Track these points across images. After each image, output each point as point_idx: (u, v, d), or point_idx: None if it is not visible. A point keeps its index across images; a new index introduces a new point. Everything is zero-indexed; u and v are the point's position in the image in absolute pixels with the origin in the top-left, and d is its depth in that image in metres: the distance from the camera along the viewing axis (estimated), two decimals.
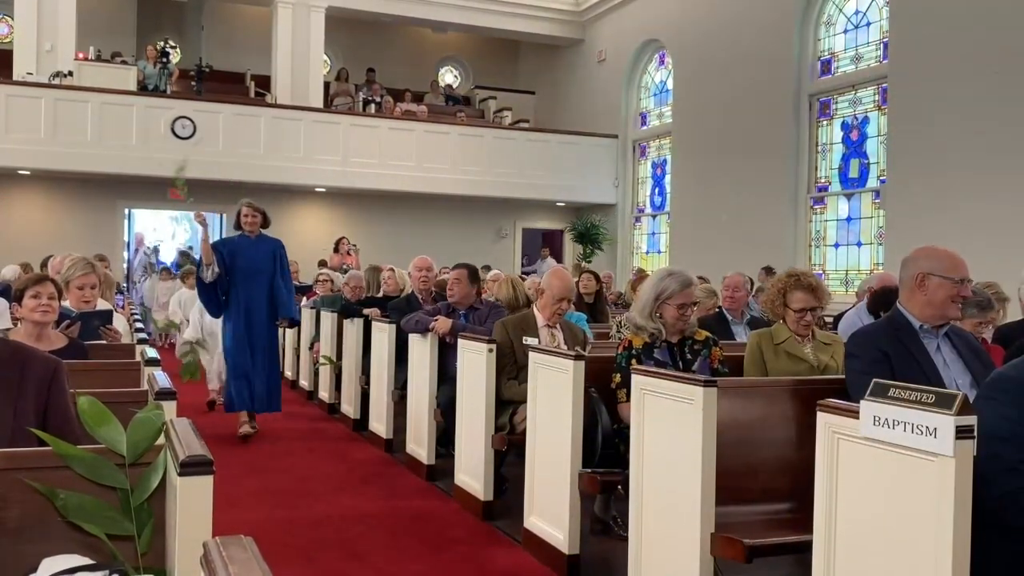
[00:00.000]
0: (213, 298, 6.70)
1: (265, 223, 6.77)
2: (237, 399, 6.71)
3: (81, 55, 13.92)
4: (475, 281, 5.71)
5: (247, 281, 6.63)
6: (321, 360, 8.21)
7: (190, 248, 13.45)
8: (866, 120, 11.32)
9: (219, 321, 7.17)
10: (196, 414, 7.24)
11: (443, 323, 5.47)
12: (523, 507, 4.28)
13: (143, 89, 14.22)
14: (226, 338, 6.79)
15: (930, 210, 9.62)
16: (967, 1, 9.38)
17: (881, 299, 4.81)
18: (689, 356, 3.98)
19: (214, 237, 15.72)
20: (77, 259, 4.91)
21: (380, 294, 7.88)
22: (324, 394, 8.29)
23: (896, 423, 2.11)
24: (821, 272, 11.59)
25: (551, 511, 4.04)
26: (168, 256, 15.45)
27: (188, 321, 8.77)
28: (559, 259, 16.30)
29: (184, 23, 17.49)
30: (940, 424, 2.00)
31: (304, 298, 9.60)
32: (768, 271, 10.09)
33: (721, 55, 13.19)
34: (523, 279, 6.83)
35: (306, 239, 14.30)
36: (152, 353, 3.42)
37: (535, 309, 4.92)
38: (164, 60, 14.60)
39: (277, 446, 6.59)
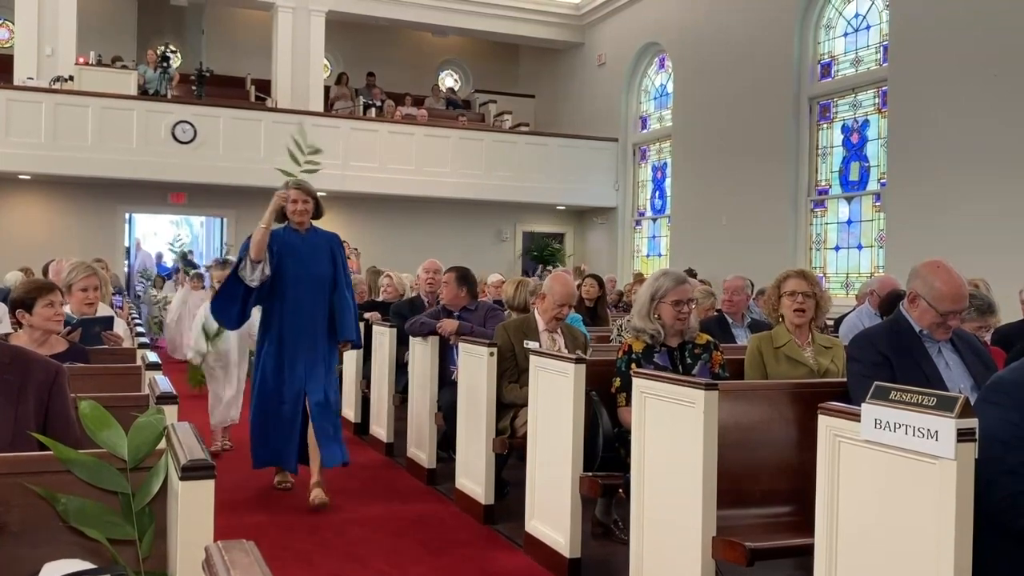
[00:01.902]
0: (236, 306, 4.98)
1: (318, 213, 5.09)
2: (270, 453, 5.08)
3: (82, 59, 13.93)
4: (464, 283, 5.70)
5: (296, 290, 4.94)
6: None
7: (189, 252, 13.29)
8: (866, 123, 11.32)
9: (236, 334, 6.23)
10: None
11: (450, 323, 5.47)
12: (524, 511, 4.28)
13: (144, 93, 14.23)
14: (261, 367, 5.05)
15: (930, 213, 9.62)
16: (967, 4, 9.38)
17: (891, 302, 4.81)
18: (689, 360, 3.98)
19: (213, 241, 15.66)
20: (78, 263, 4.92)
21: (380, 299, 7.87)
22: None
23: (897, 426, 2.11)
24: (822, 275, 11.58)
25: (552, 515, 4.04)
26: (169, 258, 15.42)
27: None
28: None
29: (184, 27, 17.50)
30: (941, 427, 2.00)
31: None
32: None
33: (721, 58, 13.19)
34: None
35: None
36: (153, 357, 3.42)
37: (536, 313, 4.93)
38: (164, 64, 14.61)
39: None
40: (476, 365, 4.84)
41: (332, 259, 5.05)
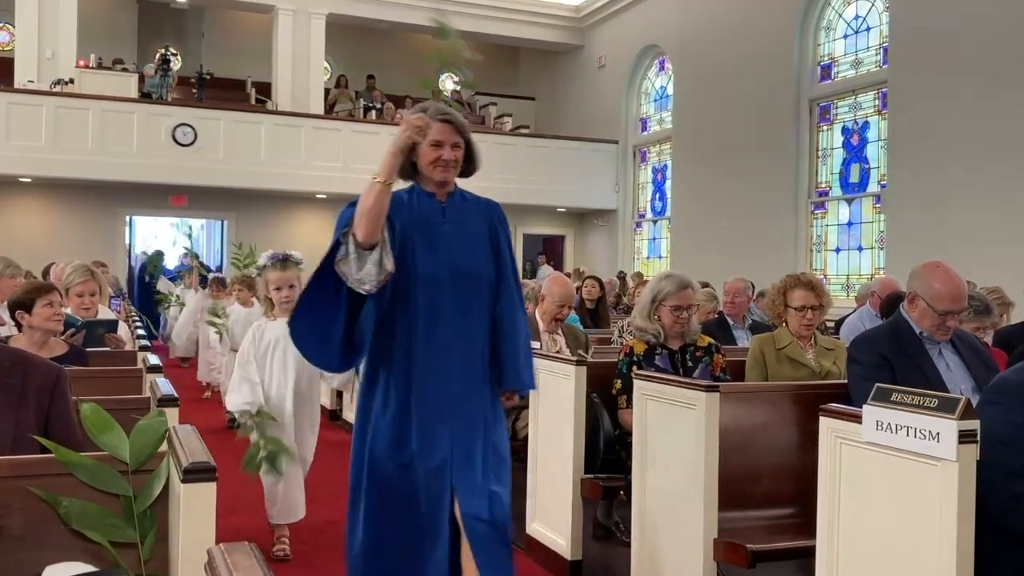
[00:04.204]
0: (335, 330, 2.78)
1: (470, 168, 2.98)
2: None
3: (82, 62, 13.94)
4: None
5: (433, 299, 2.82)
6: None
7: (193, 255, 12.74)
8: (866, 125, 11.32)
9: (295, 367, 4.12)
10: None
11: None
12: (525, 513, 4.28)
13: (146, 96, 14.24)
14: (370, 442, 2.83)
15: (931, 214, 9.62)
16: (966, 6, 9.39)
17: (892, 304, 4.81)
18: (690, 363, 3.98)
19: (214, 244, 15.54)
20: (77, 266, 4.91)
21: None
22: (325, 400, 8.28)
23: (899, 428, 2.11)
24: (823, 277, 11.58)
25: (553, 517, 4.04)
26: (171, 260, 15.37)
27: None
28: (559, 265, 16.29)
29: (185, 30, 17.51)
30: (943, 428, 2.00)
31: None
32: None
33: (721, 60, 13.20)
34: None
35: (307, 246, 14.21)
36: (154, 360, 3.42)
37: (536, 315, 4.93)
38: (165, 67, 14.62)
39: None
40: None
41: (494, 246, 2.94)
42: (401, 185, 2.84)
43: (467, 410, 2.83)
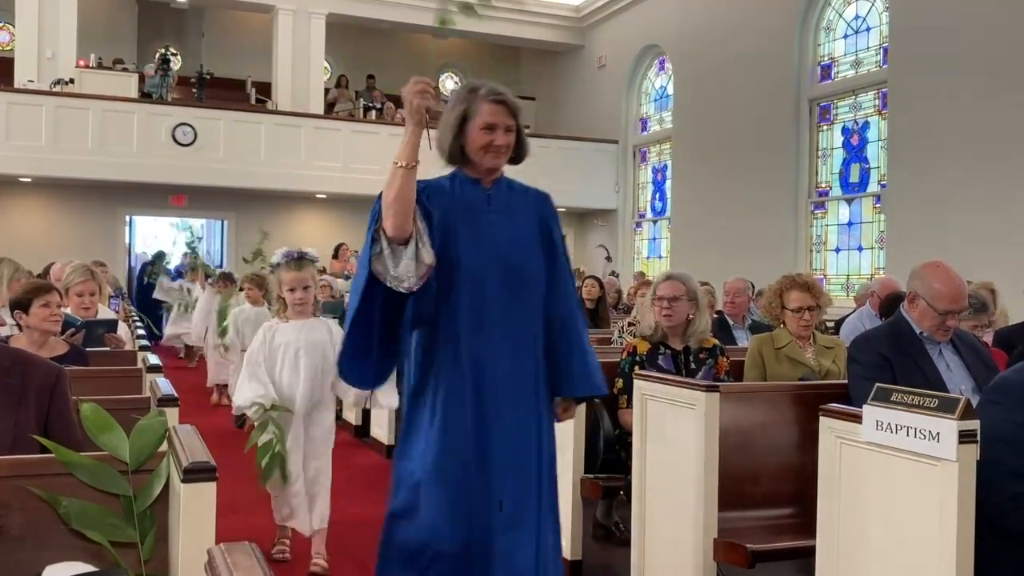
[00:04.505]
0: (371, 337, 2.53)
1: (520, 152, 2.66)
2: None
3: (82, 62, 13.94)
4: None
5: (479, 300, 2.55)
6: None
7: (193, 255, 12.51)
8: (866, 125, 11.32)
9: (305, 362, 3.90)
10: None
11: None
12: None
13: (146, 95, 14.24)
14: (417, 458, 2.56)
15: (931, 214, 9.62)
16: (966, 6, 9.39)
17: (891, 304, 4.81)
18: (693, 366, 3.97)
19: (214, 244, 15.54)
20: (77, 266, 4.92)
21: None
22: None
23: (899, 428, 2.11)
24: (822, 277, 11.58)
25: None
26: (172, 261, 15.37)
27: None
28: None
29: (185, 30, 17.51)
30: (943, 428, 2.00)
31: None
32: None
33: (721, 60, 13.20)
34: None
35: (308, 245, 14.21)
36: (154, 360, 3.42)
37: None
38: (165, 67, 14.63)
39: None
40: None
41: (545, 239, 2.68)
42: (419, 172, 2.49)
43: (517, 421, 2.55)
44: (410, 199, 2.40)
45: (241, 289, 8.12)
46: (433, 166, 2.62)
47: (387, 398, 3.03)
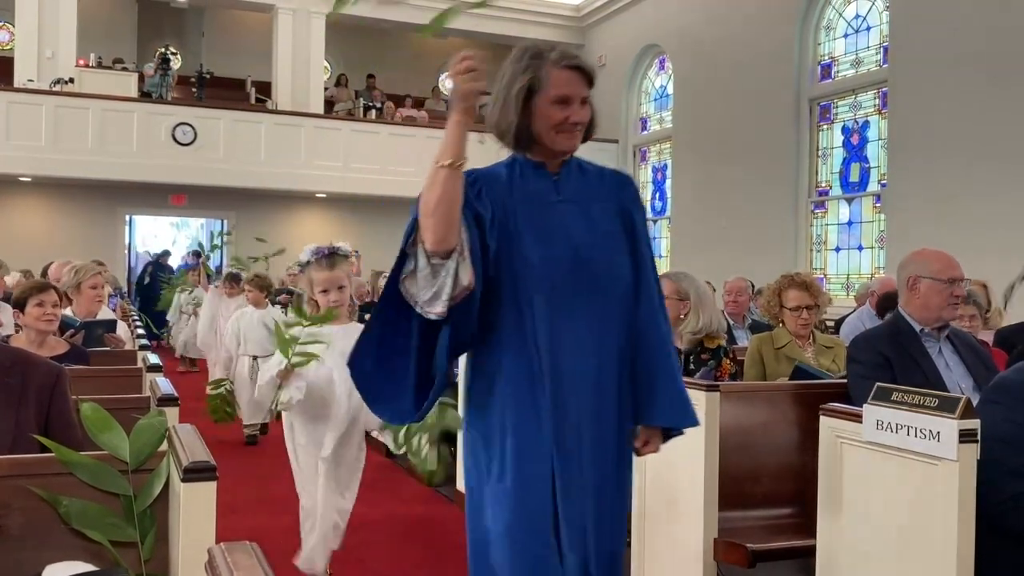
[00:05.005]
0: (403, 365, 2.06)
1: (591, 128, 2.20)
2: None
3: (82, 61, 13.94)
4: None
5: (554, 311, 2.07)
6: None
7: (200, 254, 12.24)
8: (866, 124, 11.31)
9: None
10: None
11: None
12: None
13: (146, 95, 14.24)
14: (486, 513, 2.19)
15: (931, 214, 9.61)
16: (967, 5, 9.39)
17: (887, 302, 4.82)
18: (692, 367, 3.96)
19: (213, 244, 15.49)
20: (86, 263, 4.99)
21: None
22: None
23: (899, 427, 2.11)
24: (822, 276, 11.58)
25: None
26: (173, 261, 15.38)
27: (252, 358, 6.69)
28: None
29: (185, 29, 17.51)
30: (943, 428, 2.00)
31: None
32: None
33: (721, 60, 13.20)
34: None
35: (307, 245, 14.27)
36: (154, 359, 3.42)
37: None
38: (164, 67, 14.63)
39: (280, 452, 6.57)
40: None
41: (628, 233, 2.21)
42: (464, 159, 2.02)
43: (601, 476, 2.10)
44: (457, 204, 1.97)
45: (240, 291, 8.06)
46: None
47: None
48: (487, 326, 2.07)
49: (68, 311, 4.42)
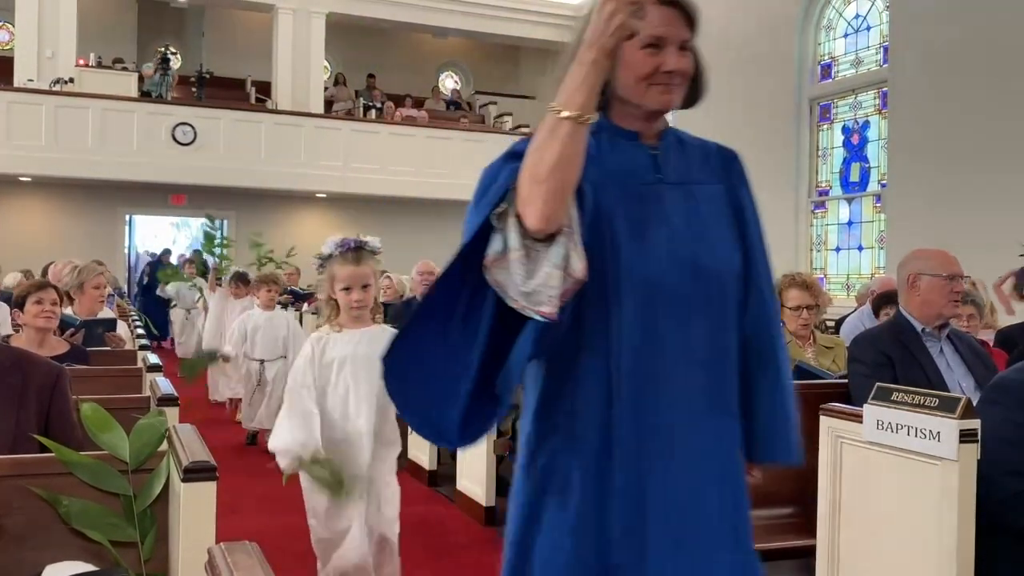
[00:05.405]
0: (462, 383, 1.52)
1: (698, 89, 2.02)
2: None
3: (82, 61, 13.94)
4: None
5: (647, 316, 1.58)
6: None
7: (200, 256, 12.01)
8: (867, 124, 11.32)
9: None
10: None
11: None
12: None
13: (146, 94, 14.25)
14: (534, 548, 1.60)
15: (931, 214, 9.61)
16: (966, 6, 9.38)
17: (881, 300, 4.82)
18: None
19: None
20: (88, 264, 5.01)
21: (381, 300, 7.80)
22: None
23: (899, 427, 2.11)
24: (823, 276, 11.58)
25: None
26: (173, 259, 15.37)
27: (259, 362, 6.58)
28: None
29: (185, 29, 17.51)
30: (943, 428, 2.00)
31: (305, 305, 9.58)
32: None
33: (720, 60, 13.11)
34: None
35: (307, 245, 14.24)
36: (154, 359, 3.42)
37: None
38: (164, 66, 14.63)
39: None
40: None
41: (740, 223, 1.81)
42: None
43: (709, 504, 1.73)
44: (577, 170, 1.45)
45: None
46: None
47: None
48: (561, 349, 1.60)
49: (69, 310, 4.43)
